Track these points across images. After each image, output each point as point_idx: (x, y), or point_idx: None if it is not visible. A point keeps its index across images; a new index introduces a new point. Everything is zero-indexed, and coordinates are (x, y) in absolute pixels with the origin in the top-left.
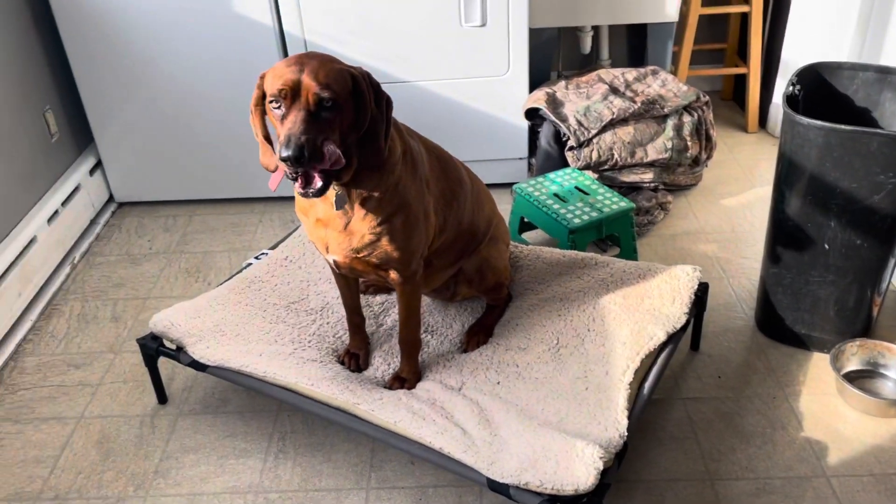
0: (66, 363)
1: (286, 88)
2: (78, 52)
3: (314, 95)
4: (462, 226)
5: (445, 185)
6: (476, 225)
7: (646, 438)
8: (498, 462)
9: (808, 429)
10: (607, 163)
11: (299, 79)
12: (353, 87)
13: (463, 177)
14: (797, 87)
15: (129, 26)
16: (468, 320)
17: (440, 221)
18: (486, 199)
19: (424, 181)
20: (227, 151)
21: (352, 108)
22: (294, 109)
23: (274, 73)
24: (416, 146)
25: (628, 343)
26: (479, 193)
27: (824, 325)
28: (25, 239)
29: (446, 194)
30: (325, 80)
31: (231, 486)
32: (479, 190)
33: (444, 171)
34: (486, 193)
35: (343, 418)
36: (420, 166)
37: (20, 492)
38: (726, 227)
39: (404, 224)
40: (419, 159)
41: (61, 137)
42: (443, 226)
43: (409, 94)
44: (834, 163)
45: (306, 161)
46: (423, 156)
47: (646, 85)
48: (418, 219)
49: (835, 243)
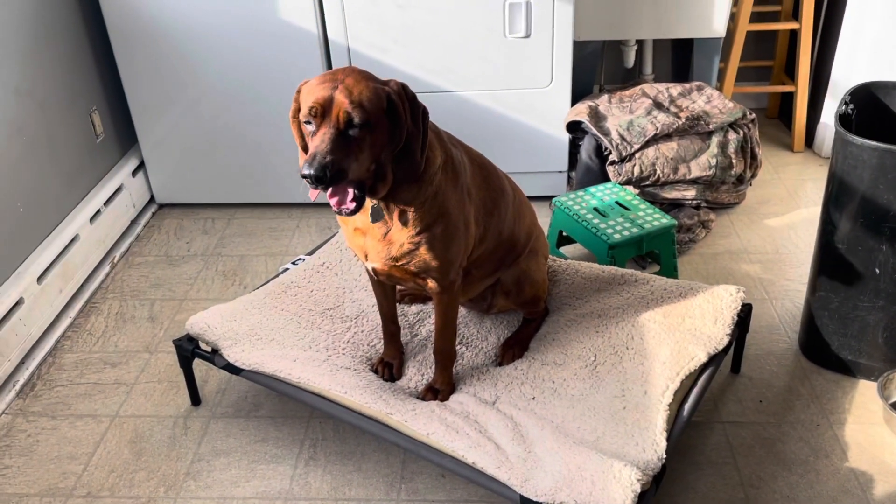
0: (102, 361)
1: (317, 106)
2: (126, 56)
3: (345, 114)
4: (502, 236)
5: (487, 194)
6: (516, 236)
7: (683, 462)
8: (532, 479)
9: (852, 458)
10: (649, 178)
11: (332, 96)
12: (388, 105)
13: (505, 186)
14: (850, 105)
15: (176, 31)
16: (504, 333)
17: (480, 231)
18: (527, 211)
19: (465, 190)
20: (266, 156)
21: (386, 127)
22: (324, 127)
23: (308, 88)
24: (457, 155)
25: (668, 363)
26: (521, 204)
27: (872, 352)
28: (68, 237)
29: (487, 203)
30: (357, 98)
31: (261, 492)
32: (521, 201)
33: (485, 180)
34: (527, 205)
35: (375, 428)
36: (461, 175)
37: (53, 487)
38: (770, 247)
39: (443, 233)
40: (460, 168)
41: (106, 138)
42: (483, 235)
43: (450, 105)
44: (888, 185)
45: (328, 180)
46: (466, 164)
47: (690, 101)
48: (458, 228)
49: (886, 268)
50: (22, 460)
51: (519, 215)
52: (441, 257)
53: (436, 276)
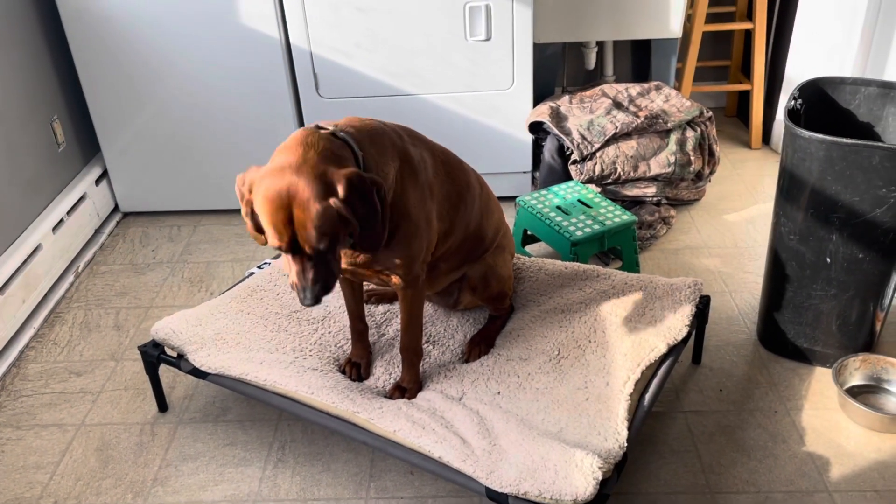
0: (67, 370)
1: (283, 245)
2: (86, 63)
3: (312, 248)
4: (469, 229)
5: (451, 188)
6: (483, 230)
7: (646, 451)
8: (497, 471)
9: (810, 443)
10: (610, 176)
11: (291, 231)
12: (341, 215)
13: (471, 181)
14: (799, 101)
15: (137, 38)
16: (470, 331)
17: (446, 225)
18: (495, 207)
19: (427, 187)
20: (231, 162)
21: (346, 229)
22: (295, 260)
23: (260, 204)
24: (417, 153)
25: (629, 354)
26: (488, 199)
27: (827, 340)
28: (30, 247)
29: (452, 197)
30: (318, 230)
31: (230, 495)
32: (488, 196)
33: (449, 175)
34: (495, 201)
35: (343, 427)
36: (421, 173)
37: (19, 497)
38: (729, 241)
39: (405, 232)
40: (420, 167)
41: (68, 147)
42: (449, 229)
43: (414, 107)
44: (835, 177)
45: (321, 299)
46: (427, 161)
47: (649, 100)
48: (419, 226)
49: (836, 257)
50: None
51: (486, 210)
52: (403, 255)
53: (399, 272)
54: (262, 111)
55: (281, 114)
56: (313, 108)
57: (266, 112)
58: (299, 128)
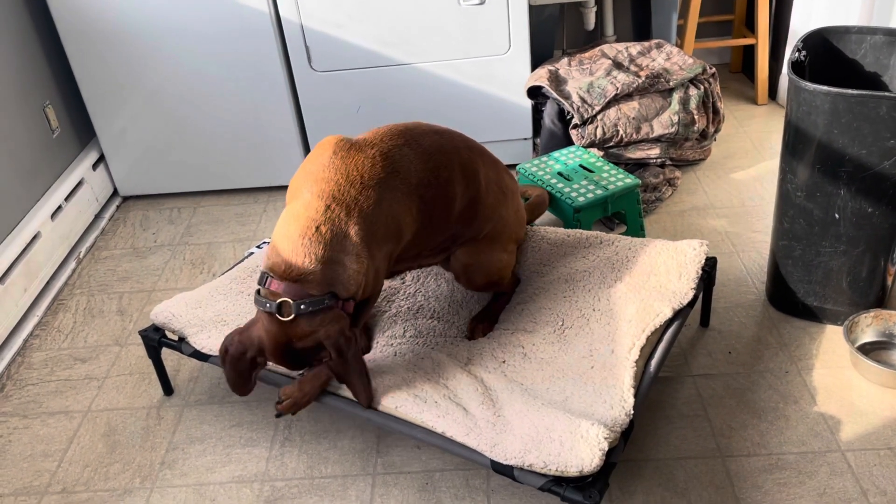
0: (72, 357)
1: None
2: (76, 46)
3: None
4: (449, 227)
5: (436, 192)
6: (465, 230)
7: (655, 417)
8: (501, 444)
9: (821, 403)
10: (612, 139)
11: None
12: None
13: (453, 177)
14: (803, 52)
15: (126, 18)
16: (475, 308)
17: (416, 227)
18: (499, 195)
19: (403, 192)
20: (229, 142)
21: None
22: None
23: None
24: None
25: (634, 321)
26: (492, 190)
27: (837, 297)
28: (29, 235)
29: (434, 200)
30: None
31: (237, 476)
32: (496, 202)
33: (434, 174)
34: (500, 189)
35: (346, 405)
36: (390, 192)
37: (28, 486)
38: (736, 201)
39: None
40: (392, 186)
41: (63, 133)
42: (421, 232)
43: (410, 77)
44: (842, 129)
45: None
46: (408, 167)
47: (650, 59)
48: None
49: (845, 212)
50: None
51: (483, 217)
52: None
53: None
54: (255, 88)
55: (275, 89)
56: (307, 82)
57: (260, 88)
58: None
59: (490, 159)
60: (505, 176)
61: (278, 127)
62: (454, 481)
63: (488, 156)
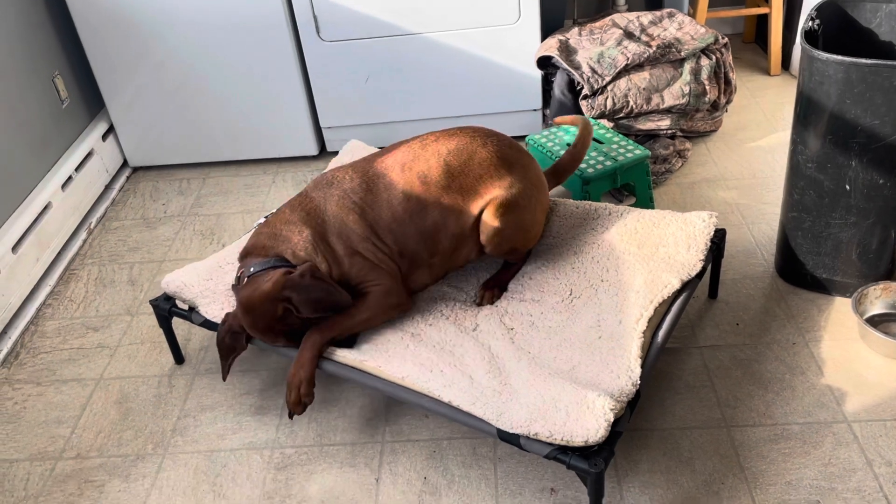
0: (84, 326)
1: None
2: (84, 16)
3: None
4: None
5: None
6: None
7: (661, 387)
8: (507, 413)
9: (828, 374)
10: (622, 110)
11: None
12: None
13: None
14: (816, 21)
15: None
16: (484, 276)
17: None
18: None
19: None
20: (238, 112)
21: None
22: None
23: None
24: (325, 192)
25: (642, 292)
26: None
27: (846, 269)
28: (40, 205)
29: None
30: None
31: (248, 443)
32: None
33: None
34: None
35: (354, 374)
36: (329, 212)
37: (43, 451)
38: (747, 172)
39: (351, 266)
40: (327, 206)
41: (72, 103)
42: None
43: (418, 47)
44: (855, 100)
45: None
46: (349, 194)
47: (661, 28)
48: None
49: (856, 184)
50: (9, 427)
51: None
52: (365, 275)
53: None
54: (264, 58)
55: (284, 60)
56: (315, 52)
57: (269, 59)
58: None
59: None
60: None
61: (287, 98)
62: (461, 449)
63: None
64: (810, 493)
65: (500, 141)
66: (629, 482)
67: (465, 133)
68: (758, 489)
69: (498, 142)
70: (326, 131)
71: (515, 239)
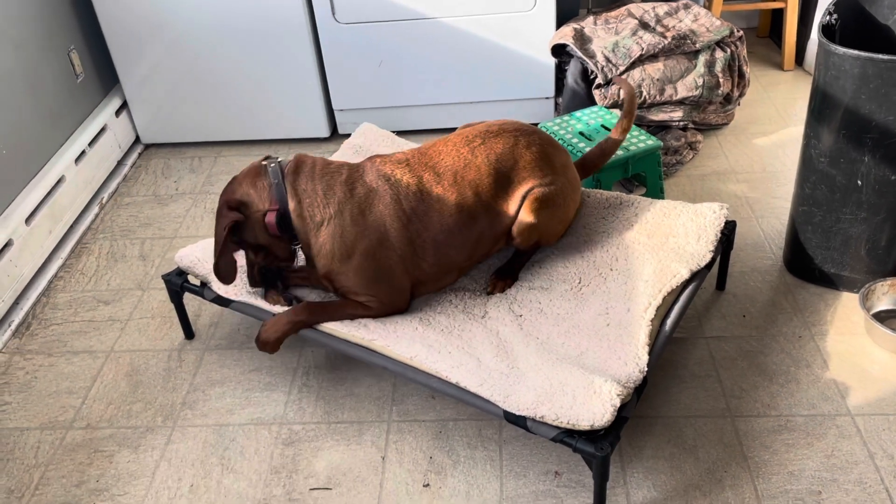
0: (95, 299)
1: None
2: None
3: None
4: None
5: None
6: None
7: (667, 376)
8: (514, 395)
9: (833, 368)
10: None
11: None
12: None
13: (454, 200)
14: (834, 16)
15: None
16: (495, 264)
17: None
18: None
19: (384, 220)
20: (251, 93)
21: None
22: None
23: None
24: (379, 185)
25: (651, 281)
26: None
27: (855, 265)
28: (54, 178)
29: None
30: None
31: (256, 418)
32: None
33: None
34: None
35: (363, 353)
36: (373, 209)
37: (54, 420)
38: (757, 166)
39: (357, 268)
40: (373, 201)
41: (86, 78)
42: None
43: (433, 32)
44: (870, 95)
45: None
46: (395, 193)
47: (677, 19)
48: (371, 262)
49: (868, 179)
50: (21, 396)
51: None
52: (363, 289)
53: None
54: (279, 39)
55: (299, 41)
56: (331, 34)
57: (283, 39)
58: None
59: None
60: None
61: (300, 79)
62: (467, 431)
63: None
64: (812, 484)
65: (542, 140)
66: (633, 468)
67: (509, 133)
68: (760, 478)
69: (540, 141)
70: (339, 114)
71: (546, 234)
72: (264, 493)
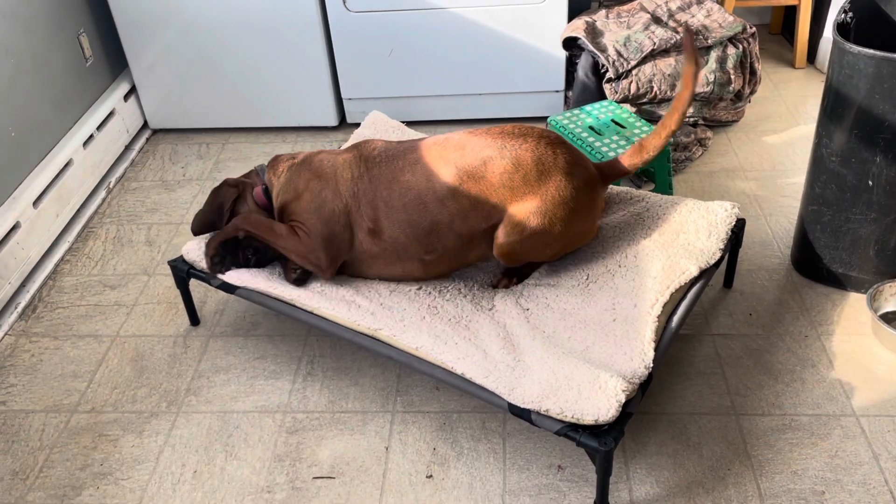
0: (102, 284)
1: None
2: None
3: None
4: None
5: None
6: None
7: (672, 373)
8: (519, 388)
9: (839, 368)
10: (646, 96)
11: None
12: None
13: (430, 186)
14: (849, 14)
15: None
16: None
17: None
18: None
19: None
20: (260, 80)
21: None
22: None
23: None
24: (344, 151)
25: (659, 277)
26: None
27: (863, 265)
28: (62, 161)
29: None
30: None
31: (260, 406)
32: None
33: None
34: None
35: (369, 343)
36: (332, 160)
37: (58, 403)
38: (767, 164)
39: (304, 199)
40: (333, 155)
41: (96, 62)
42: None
43: (444, 22)
44: (884, 95)
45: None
46: (344, 167)
47: (689, 15)
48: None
49: (879, 180)
50: (26, 379)
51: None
52: (302, 214)
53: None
54: (289, 26)
55: (309, 29)
56: (341, 22)
57: (294, 27)
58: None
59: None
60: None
61: (310, 67)
62: (471, 423)
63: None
64: (815, 484)
65: (535, 155)
66: (636, 463)
67: (495, 138)
68: (763, 477)
69: (532, 157)
70: (347, 102)
71: (529, 255)
72: (267, 480)
